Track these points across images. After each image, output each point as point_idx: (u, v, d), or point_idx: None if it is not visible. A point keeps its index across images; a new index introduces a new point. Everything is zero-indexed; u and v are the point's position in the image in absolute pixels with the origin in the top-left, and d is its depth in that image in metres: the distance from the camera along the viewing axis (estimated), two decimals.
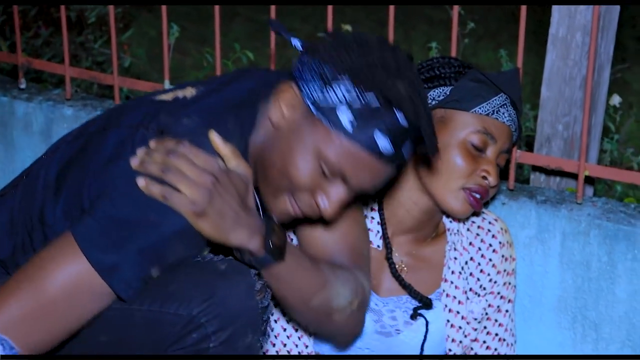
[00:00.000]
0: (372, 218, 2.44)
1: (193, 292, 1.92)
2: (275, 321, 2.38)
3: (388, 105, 1.94)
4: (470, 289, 2.47)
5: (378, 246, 2.44)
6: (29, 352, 1.91)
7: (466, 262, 2.47)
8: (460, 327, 2.45)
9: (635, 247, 2.50)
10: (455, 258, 2.47)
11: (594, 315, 2.58)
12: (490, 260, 2.48)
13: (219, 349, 1.93)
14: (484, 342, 2.49)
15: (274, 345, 2.38)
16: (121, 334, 1.94)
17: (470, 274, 2.47)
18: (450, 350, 2.46)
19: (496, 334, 2.49)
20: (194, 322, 1.90)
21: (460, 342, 2.46)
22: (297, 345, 2.39)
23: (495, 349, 2.49)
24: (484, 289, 2.48)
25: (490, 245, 2.48)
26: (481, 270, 2.48)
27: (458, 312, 2.45)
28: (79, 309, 1.93)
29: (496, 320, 2.49)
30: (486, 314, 2.49)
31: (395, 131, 1.96)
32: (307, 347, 2.39)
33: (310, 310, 2.13)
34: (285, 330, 2.39)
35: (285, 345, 2.39)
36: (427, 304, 2.42)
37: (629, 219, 2.55)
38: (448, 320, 2.44)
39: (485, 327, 2.49)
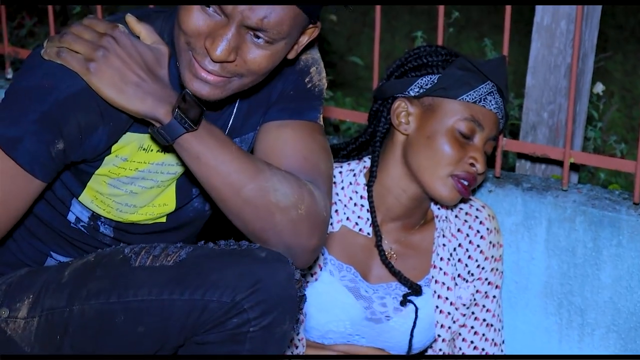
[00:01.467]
0: (362, 206, 2.45)
1: (237, 280, 1.91)
2: None
3: None
4: (459, 275, 2.48)
5: (368, 233, 2.44)
6: None
7: (454, 249, 2.49)
8: (449, 313, 2.46)
9: (620, 233, 2.52)
10: (444, 245, 2.48)
11: (580, 300, 2.59)
12: (478, 246, 2.49)
13: (257, 333, 1.93)
14: (472, 327, 2.50)
15: None
16: (160, 323, 1.94)
17: (459, 260, 2.48)
18: (439, 336, 2.47)
19: (484, 320, 2.50)
20: (237, 307, 1.90)
21: (449, 327, 2.47)
22: None
23: (483, 334, 2.50)
24: (472, 275, 2.49)
25: (478, 231, 2.50)
26: (469, 257, 2.49)
27: (447, 298, 2.46)
28: (3, 195, 1.93)
29: (484, 306, 2.50)
30: (474, 299, 2.50)
31: None
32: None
33: (246, 204, 1.97)
34: None
35: None
36: (416, 290, 2.43)
37: (614, 206, 2.56)
38: (437, 307, 2.45)
39: (473, 313, 2.50)
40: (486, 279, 2.50)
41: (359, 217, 2.45)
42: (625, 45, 5.20)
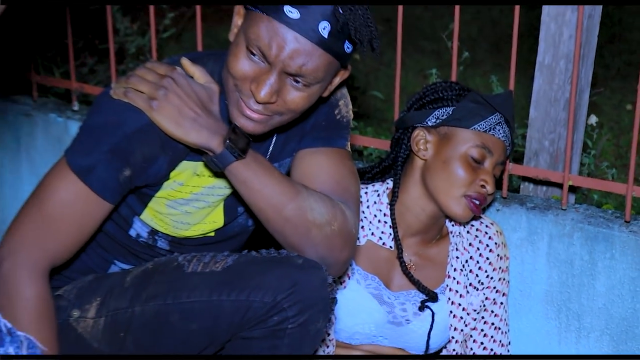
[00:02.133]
0: (385, 222, 2.44)
1: (278, 282, 1.92)
2: None
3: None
4: (470, 284, 2.47)
5: (390, 247, 2.43)
6: (50, 262, 1.97)
7: (466, 261, 2.48)
8: (461, 318, 2.45)
9: (612, 247, 2.50)
10: (457, 257, 2.47)
11: (577, 307, 2.58)
12: (488, 259, 2.48)
13: (295, 330, 1.94)
14: (482, 330, 2.49)
15: None
16: (210, 321, 1.96)
17: (470, 270, 2.47)
18: (453, 337, 2.46)
19: (492, 323, 2.49)
20: (277, 307, 1.91)
21: (462, 330, 2.46)
22: None
23: (492, 337, 2.49)
24: (482, 284, 2.48)
25: (487, 245, 2.49)
26: (479, 268, 2.48)
27: (459, 305, 2.45)
28: (78, 215, 1.97)
29: (492, 311, 2.49)
30: (484, 305, 2.49)
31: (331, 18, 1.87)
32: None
33: (287, 222, 1.98)
34: None
35: None
36: (433, 297, 2.42)
37: (607, 223, 2.54)
38: (451, 312, 2.45)
39: (483, 317, 2.49)
40: (494, 288, 2.49)
41: (382, 232, 2.44)
42: (612, 83, 5.19)
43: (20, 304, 1.93)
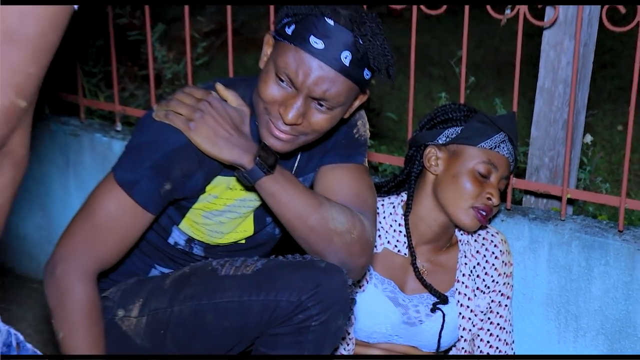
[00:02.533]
0: (400, 232, 2.44)
1: (302, 284, 1.93)
2: None
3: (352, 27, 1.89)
4: (477, 288, 2.47)
5: (404, 254, 2.44)
6: (98, 267, 2.00)
7: (474, 266, 2.48)
8: (469, 319, 2.46)
9: (607, 254, 2.50)
10: (466, 263, 2.47)
11: (575, 309, 2.57)
12: (493, 265, 2.48)
13: (318, 327, 1.94)
14: (488, 330, 2.49)
15: None
16: (242, 319, 1.96)
17: (477, 275, 2.47)
18: (462, 337, 2.46)
19: (498, 324, 2.49)
20: (302, 305, 1.92)
21: (470, 330, 2.46)
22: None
23: (497, 336, 2.49)
24: (488, 288, 2.48)
25: (493, 253, 2.49)
26: (486, 273, 2.48)
27: (468, 307, 2.46)
28: (123, 225, 1.99)
29: (497, 313, 2.49)
30: (490, 307, 2.49)
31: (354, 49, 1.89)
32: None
33: (311, 231, 1.98)
34: None
35: None
36: (443, 300, 2.43)
37: (602, 232, 2.54)
38: (460, 313, 2.45)
39: (489, 318, 2.49)
40: (500, 291, 2.50)
41: (397, 241, 2.45)
42: (604, 105, 5.18)
43: (71, 305, 1.95)
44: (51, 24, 1.13)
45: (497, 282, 2.49)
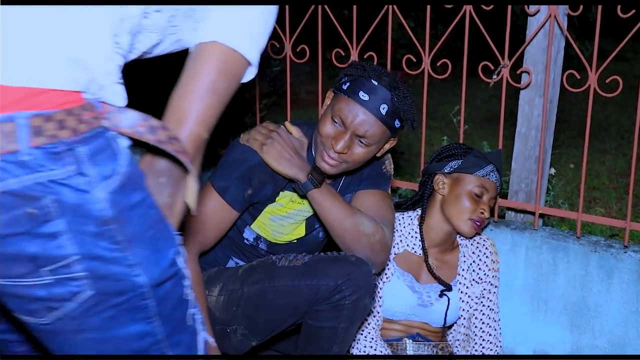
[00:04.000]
0: (416, 237, 2.43)
1: (338, 272, 1.91)
2: None
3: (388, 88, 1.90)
4: (473, 279, 2.45)
5: (419, 254, 2.42)
6: (200, 249, 1.99)
7: (471, 263, 2.46)
8: (467, 302, 2.44)
9: (568, 255, 2.49)
10: (464, 261, 2.46)
11: (544, 295, 2.56)
12: (485, 262, 2.47)
13: (349, 305, 1.91)
14: (481, 311, 2.46)
15: None
16: (293, 298, 1.94)
17: (473, 270, 2.45)
18: (461, 316, 2.43)
19: (488, 306, 2.46)
20: (338, 289, 1.90)
21: (467, 311, 2.44)
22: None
23: (488, 315, 2.45)
24: (481, 279, 2.46)
25: (485, 253, 2.47)
26: (479, 268, 2.46)
27: (466, 293, 2.44)
28: (217, 219, 1.98)
29: (488, 298, 2.47)
30: (482, 294, 2.46)
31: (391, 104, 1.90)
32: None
33: (346, 231, 1.95)
34: None
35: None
36: (448, 288, 2.41)
37: (565, 239, 2.53)
38: (460, 298, 2.43)
39: (482, 302, 2.46)
40: (489, 282, 2.47)
41: (414, 244, 2.44)
42: (560, 149, 5.15)
43: None
44: (238, 79, 1.16)
45: (487, 275, 2.47)
